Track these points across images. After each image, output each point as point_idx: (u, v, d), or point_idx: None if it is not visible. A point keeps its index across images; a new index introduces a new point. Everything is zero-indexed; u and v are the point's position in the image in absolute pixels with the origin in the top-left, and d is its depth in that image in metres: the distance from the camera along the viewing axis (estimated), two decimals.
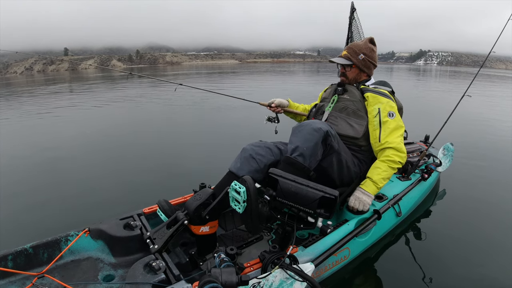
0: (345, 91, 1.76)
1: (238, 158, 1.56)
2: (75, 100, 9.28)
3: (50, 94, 11.44)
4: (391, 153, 1.59)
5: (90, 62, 57.95)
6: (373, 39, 1.82)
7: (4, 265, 1.22)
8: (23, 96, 11.13)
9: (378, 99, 1.66)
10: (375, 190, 1.57)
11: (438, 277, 1.62)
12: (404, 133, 1.68)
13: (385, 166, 1.58)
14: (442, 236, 2.02)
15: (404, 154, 1.61)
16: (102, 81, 17.52)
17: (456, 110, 2.40)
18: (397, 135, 1.62)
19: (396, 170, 1.62)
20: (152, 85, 12.61)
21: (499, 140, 4.37)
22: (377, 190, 1.58)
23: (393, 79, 17.19)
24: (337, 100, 1.76)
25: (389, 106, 1.65)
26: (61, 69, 53.96)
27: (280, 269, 1.12)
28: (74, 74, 30.65)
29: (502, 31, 2.49)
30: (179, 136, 4.62)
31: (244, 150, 1.57)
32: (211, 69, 32.85)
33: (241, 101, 2.47)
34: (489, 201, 2.48)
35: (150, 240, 1.34)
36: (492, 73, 32.26)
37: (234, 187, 1.23)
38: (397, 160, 1.58)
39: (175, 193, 1.77)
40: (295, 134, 1.45)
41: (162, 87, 11.37)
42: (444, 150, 2.57)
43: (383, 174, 1.57)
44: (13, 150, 3.99)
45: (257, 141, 1.63)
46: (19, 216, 2.31)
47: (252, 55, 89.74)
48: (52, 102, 8.75)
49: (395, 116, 1.64)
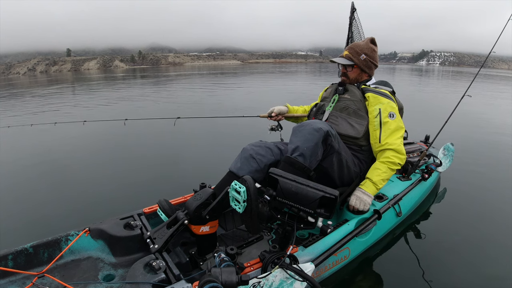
0: (346, 91, 1.76)
1: (238, 158, 1.56)
2: (77, 99, 9.28)
3: (52, 93, 11.45)
4: (391, 154, 1.59)
5: (92, 63, 58.13)
6: (374, 39, 1.82)
7: (5, 264, 1.22)
8: (25, 95, 11.15)
9: (379, 100, 1.66)
10: (374, 190, 1.58)
11: (438, 277, 1.62)
12: (404, 133, 1.69)
13: (385, 167, 1.58)
14: (442, 236, 2.02)
15: (403, 156, 1.61)
16: (105, 81, 17.53)
17: (456, 110, 2.39)
18: (397, 136, 1.62)
19: (396, 171, 1.62)
20: (153, 85, 12.60)
21: (499, 140, 4.36)
22: (376, 191, 1.59)
23: (395, 79, 17.16)
24: (337, 100, 1.76)
25: (390, 106, 1.65)
26: (64, 69, 54.23)
27: (280, 269, 1.12)
28: (77, 75, 30.69)
29: (502, 31, 2.49)
30: (179, 136, 4.61)
31: (244, 150, 1.57)
32: (213, 70, 32.74)
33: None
34: (490, 201, 2.48)
35: (150, 240, 1.34)
36: (494, 73, 32.19)
37: (234, 186, 1.23)
38: (397, 162, 1.59)
39: (175, 193, 1.77)
40: (295, 134, 1.45)
41: (162, 87, 11.37)
42: (444, 150, 2.56)
43: (382, 176, 1.57)
44: (12, 151, 3.99)
45: (257, 141, 1.63)
46: (19, 215, 2.31)
47: (254, 55, 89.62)
48: (54, 102, 8.76)
49: (396, 117, 1.64)
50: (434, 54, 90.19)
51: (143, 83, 15.00)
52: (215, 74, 22.94)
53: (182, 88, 12.14)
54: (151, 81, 17.05)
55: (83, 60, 58.72)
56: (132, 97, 9.74)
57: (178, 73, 28.66)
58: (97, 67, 56.30)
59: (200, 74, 24.11)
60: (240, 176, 1.50)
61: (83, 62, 57.63)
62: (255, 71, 27.35)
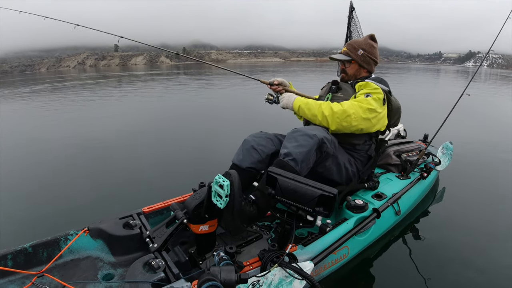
0: (339, 89, 1.76)
1: (240, 150, 1.56)
2: (90, 95, 9.22)
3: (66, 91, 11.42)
4: (336, 105, 1.54)
5: (139, 58, 59.08)
6: (374, 36, 1.80)
7: (4, 264, 1.22)
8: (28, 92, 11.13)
9: (367, 85, 1.63)
10: (297, 102, 1.63)
11: (436, 275, 1.63)
12: (374, 117, 1.58)
13: (324, 106, 1.55)
14: (441, 235, 2.02)
15: (338, 120, 1.51)
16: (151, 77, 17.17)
17: (455, 109, 2.39)
18: (357, 106, 1.53)
19: (322, 119, 1.55)
20: (155, 85, 12.58)
21: (498, 138, 4.37)
22: (298, 104, 1.63)
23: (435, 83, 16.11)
24: (331, 98, 1.76)
25: (374, 92, 1.59)
26: (112, 64, 54.84)
27: (279, 268, 1.12)
28: (124, 71, 30.64)
29: (500, 30, 2.49)
30: (179, 136, 4.61)
31: (245, 142, 1.58)
32: (255, 67, 31.41)
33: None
34: (488, 200, 2.49)
35: (150, 239, 1.34)
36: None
37: (218, 180, 1.17)
38: (329, 114, 1.52)
39: (174, 192, 1.77)
40: (289, 139, 1.42)
41: (163, 86, 11.34)
42: (443, 149, 2.57)
43: (312, 105, 1.58)
44: (12, 150, 3.99)
45: (257, 132, 1.64)
46: (18, 215, 2.31)
47: (295, 53, 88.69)
48: (62, 99, 8.74)
49: (369, 97, 1.57)
50: (482, 56, 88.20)
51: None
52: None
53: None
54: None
55: (130, 56, 59.47)
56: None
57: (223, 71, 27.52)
58: (144, 62, 57.16)
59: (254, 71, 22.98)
60: (243, 167, 1.50)
61: (130, 58, 58.34)
62: (300, 69, 26.47)
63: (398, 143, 2.39)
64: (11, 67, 50.54)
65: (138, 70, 29.91)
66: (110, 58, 57.71)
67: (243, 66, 38.86)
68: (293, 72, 21.43)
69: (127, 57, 55.07)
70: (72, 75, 24.05)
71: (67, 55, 60.99)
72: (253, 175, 1.55)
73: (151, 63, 55.45)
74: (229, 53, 79.69)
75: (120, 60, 56.87)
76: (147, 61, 57.97)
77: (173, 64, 49.70)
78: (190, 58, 3.86)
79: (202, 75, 19.58)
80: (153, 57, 59.41)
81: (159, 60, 58.08)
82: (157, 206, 1.65)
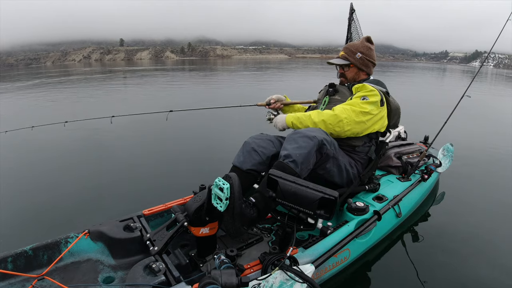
0: (336, 92, 1.76)
1: (240, 152, 1.56)
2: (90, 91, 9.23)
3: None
4: (326, 112, 1.54)
5: (145, 53, 59.45)
6: (370, 37, 1.81)
7: (4, 267, 1.22)
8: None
9: (364, 87, 1.62)
10: (290, 119, 1.62)
11: (438, 277, 1.62)
12: (369, 119, 1.56)
13: (314, 115, 1.55)
14: (442, 237, 2.02)
15: (330, 127, 1.51)
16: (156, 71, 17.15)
17: (456, 111, 2.39)
18: (348, 109, 1.52)
19: (311, 124, 1.54)
20: (159, 85, 12.58)
21: (500, 140, 4.36)
22: (291, 121, 1.61)
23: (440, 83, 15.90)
24: (328, 101, 1.76)
25: (370, 94, 1.58)
26: (118, 58, 55.45)
27: (280, 271, 1.12)
28: (130, 65, 30.60)
29: (501, 32, 2.48)
30: (179, 135, 4.61)
31: (246, 144, 1.58)
32: (259, 64, 31.05)
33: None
34: (489, 202, 2.48)
35: (150, 242, 1.34)
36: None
37: (217, 183, 1.17)
38: (319, 121, 1.52)
39: (175, 195, 1.77)
40: (289, 141, 1.41)
41: (163, 88, 11.36)
42: (444, 151, 2.57)
43: (302, 118, 1.57)
44: (12, 151, 3.99)
45: (258, 134, 1.64)
46: (19, 218, 2.30)
47: (300, 50, 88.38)
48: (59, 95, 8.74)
49: (365, 100, 1.56)
50: (489, 56, 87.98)
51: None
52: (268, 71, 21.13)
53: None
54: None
55: (135, 50, 59.72)
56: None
57: (227, 67, 26.80)
58: (149, 57, 57.55)
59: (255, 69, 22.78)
60: (244, 169, 1.50)
61: (135, 52, 58.58)
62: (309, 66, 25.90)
63: (398, 145, 2.38)
64: (17, 60, 50.70)
65: (143, 65, 29.84)
66: (116, 53, 57.98)
67: (248, 62, 38.51)
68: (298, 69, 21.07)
69: (132, 51, 55.47)
70: (77, 70, 24.04)
71: (73, 49, 61.31)
72: (253, 177, 1.55)
73: (156, 58, 55.61)
74: (234, 48, 79.59)
75: (125, 54, 57.13)
76: (152, 56, 58.32)
77: (178, 59, 49.72)
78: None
79: (207, 71, 19.64)
80: (158, 52, 59.60)
81: (164, 55, 58.23)
82: (158, 208, 1.65)
